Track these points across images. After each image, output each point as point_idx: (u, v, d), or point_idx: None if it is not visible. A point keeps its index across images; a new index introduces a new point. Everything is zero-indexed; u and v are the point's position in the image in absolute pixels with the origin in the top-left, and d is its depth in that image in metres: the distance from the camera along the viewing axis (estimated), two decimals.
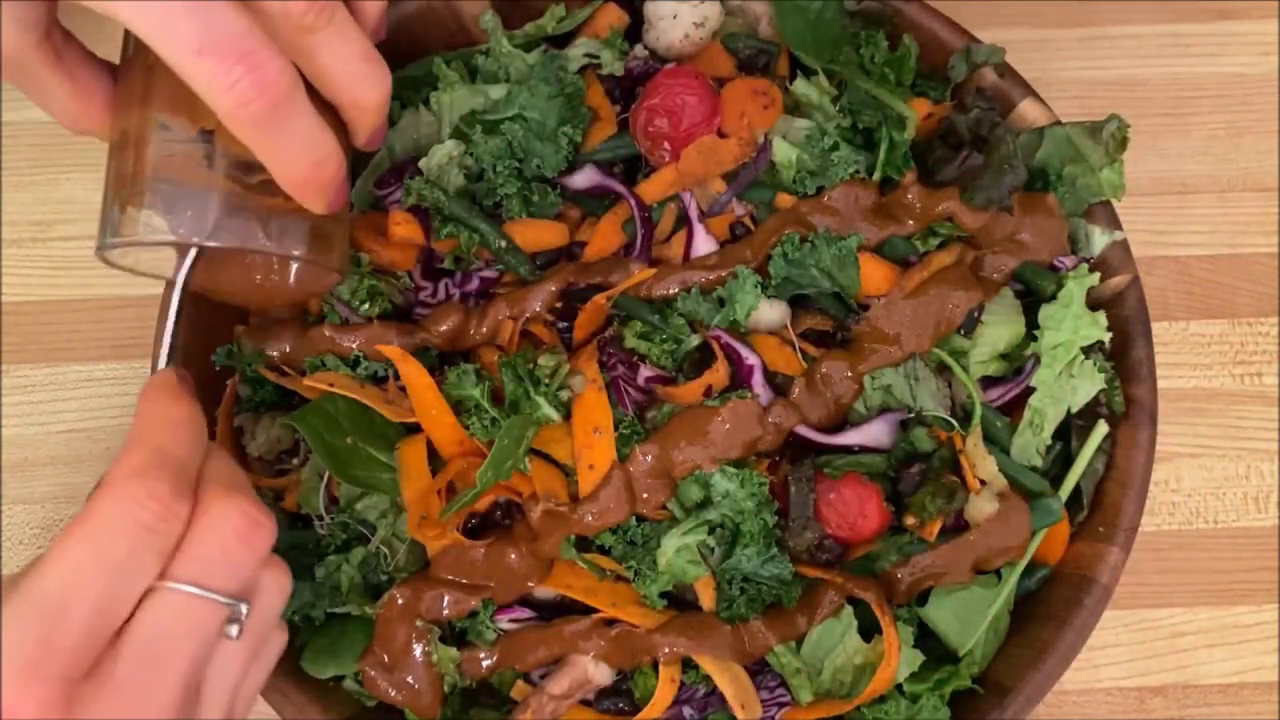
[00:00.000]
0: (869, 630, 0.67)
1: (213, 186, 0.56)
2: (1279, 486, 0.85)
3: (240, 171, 0.57)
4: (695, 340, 0.69)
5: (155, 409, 0.52)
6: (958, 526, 0.68)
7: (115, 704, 0.44)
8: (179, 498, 0.47)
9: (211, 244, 0.56)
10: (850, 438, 0.68)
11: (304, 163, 0.54)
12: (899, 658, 0.65)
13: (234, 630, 0.49)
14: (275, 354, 0.71)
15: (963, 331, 0.69)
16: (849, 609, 0.67)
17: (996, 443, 0.69)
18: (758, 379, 0.68)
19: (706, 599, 0.67)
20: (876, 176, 0.71)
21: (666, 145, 0.72)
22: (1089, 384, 0.69)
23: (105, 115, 0.59)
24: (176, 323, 0.60)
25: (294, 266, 0.65)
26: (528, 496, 0.67)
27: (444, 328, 0.69)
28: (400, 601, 0.67)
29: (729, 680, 0.65)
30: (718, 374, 0.67)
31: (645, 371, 0.69)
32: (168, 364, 0.58)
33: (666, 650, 0.65)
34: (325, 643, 0.68)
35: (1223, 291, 0.88)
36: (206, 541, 0.48)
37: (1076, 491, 0.70)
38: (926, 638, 0.69)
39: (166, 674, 0.46)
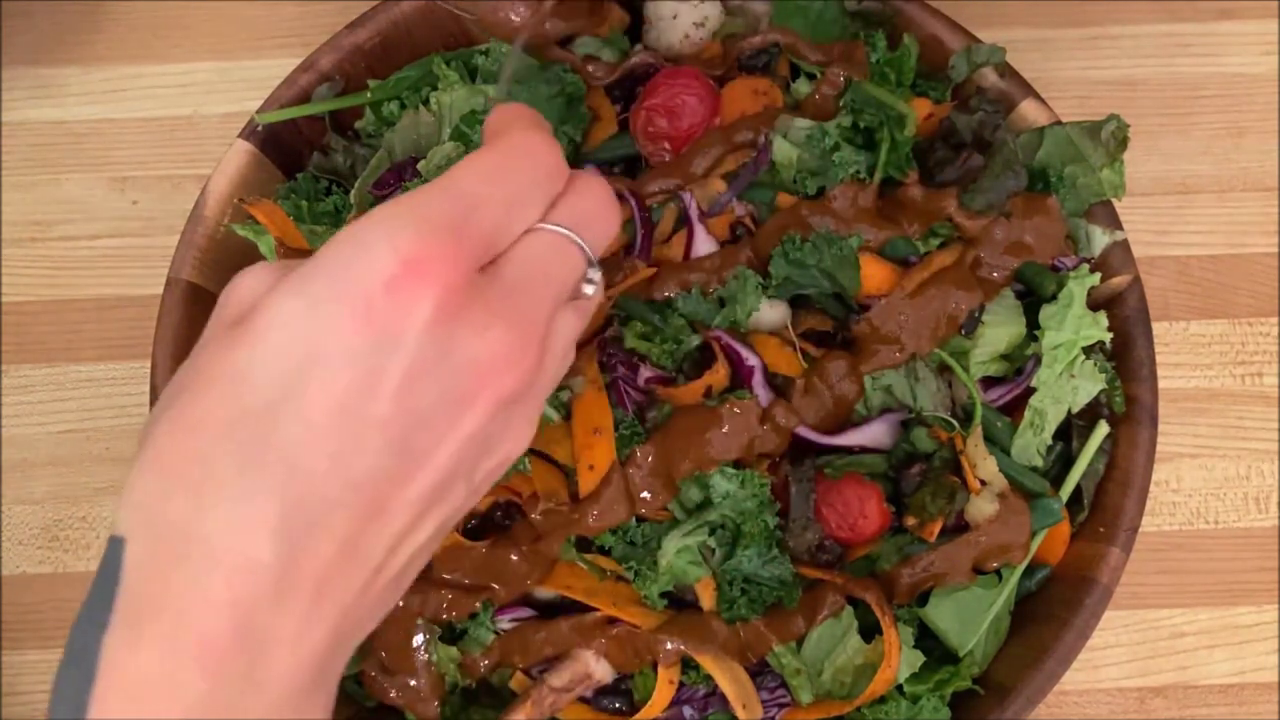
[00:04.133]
0: (869, 631, 0.67)
1: None
2: (1279, 487, 0.85)
3: None
4: (696, 341, 0.69)
5: (520, 107, 0.53)
6: (958, 527, 0.68)
7: (502, 303, 0.45)
8: (565, 161, 0.50)
9: None
10: (850, 438, 0.68)
11: None
12: (899, 658, 0.65)
13: (589, 290, 0.51)
14: None
15: (964, 332, 0.69)
16: (849, 610, 0.67)
17: (997, 443, 0.69)
18: (758, 380, 0.68)
19: (707, 600, 0.67)
20: (878, 177, 0.71)
21: (666, 145, 0.72)
22: (1090, 384, 0.69)
23: None
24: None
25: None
26: (528, 497, 0.67)
27: None
28: (401, 603, 0.67)
29: (730, 680, 0.65)
30: (718, 375, 0.67)
31: (645, 372, 0.69)
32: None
33: (669, 647, 0.65)
34: None
35: (1223, 291, 0.88)
36: (581, 201, 0.50)
37: (1077, 492, 0.70)
38: (927, 638, 0.69)
39: (544, 293, 0.47)
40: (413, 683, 0.67)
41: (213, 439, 0.41)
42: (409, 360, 0.42)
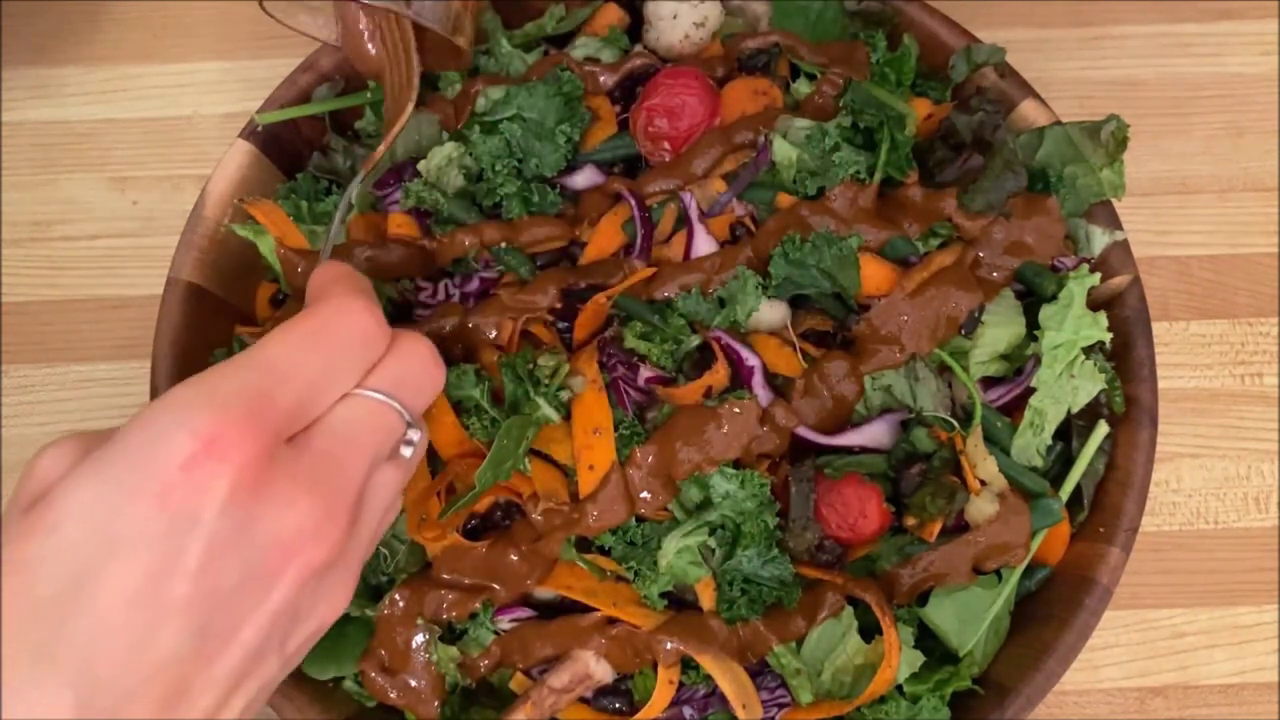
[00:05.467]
0: (869, 631, 0.67)
1: None
2: (1279, 487, 0.85)
3: None
4: (695, 341, 0.69)
5: (346, 270, 0.54)
6: (958, 527, 0.68)
7: (308, 474, 0.45)
8: (386, 325, 0.51)
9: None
10: (850, 438, 0.68)
11: None
12: (899, 658, 0.65)
13: (408, 451, 0.52)
14: None
15: (963, 332, 0.69)
16: (849, 610, 0.67)
17: (997, 443, 0.69)
18: (758, 380, 0.68)
19: (707, 600, 0.67)
20: (877, 177, 0.71)
21: (666, 145, 0.72)
22: (1089, 384, 0.69)
23: None
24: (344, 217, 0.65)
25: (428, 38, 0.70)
26: (528, 497, 0.67)
27: (444, 328, 0.69)
28: (401, 603, 0.67)
29: (730, 680, 0.65)
30: (718, 375, 0.67)
31: (645, 372, 0.69)
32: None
33: (669, 647, 0.65)
34: (325, 643, 0.68)
35: (1223, 291, 0.88)
36: (401, 362, 0.51)
37: (1077, 492, 0.70)
38: (927, 638, 0.69)
39: (355, 461, 0.48)
40: (413, 683, 0.67)
41: (6, 632, 0.41)
42: (207, 540, 0.42)
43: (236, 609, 0.44)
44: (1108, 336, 0.69)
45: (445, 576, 0.67)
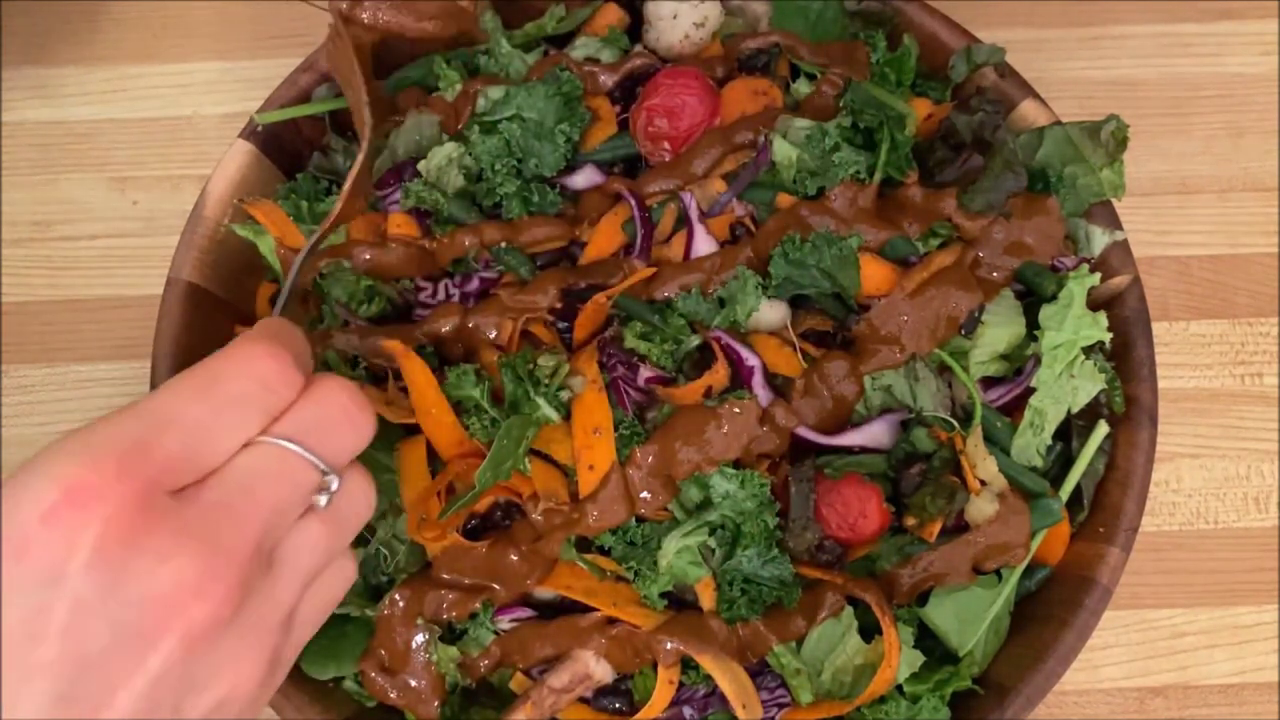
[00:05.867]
0: (869, 631, 0.67)
1: None
2: (1279, 487, 0.85)
3: None
4: (695, 341, 0.69)
5: (272, 321, 0.52)
6: (958, 527, 0.68)
7: (193, 526, 0.43)
8: (295, 370, 0.48)
9: None
10: (850, 438, 0.68)
11: None
12: (899, 658, 0.65)
13: (323, 500, 0.48)
14: None
15: (963, 332, 0.69)
16: (849, 610, 0.67)
17: (997, 443, 0.69)
18: (758, 380, 0.68)
19: (707, 600, 0.67)
20: (877, 177, 0.71)
21: (666, 145, 0.72)
22: (1089, 384, 0.69)
23: None
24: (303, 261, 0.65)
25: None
26: (528, 497, 0.67)
27: (443, 328, 0.70)
28: (401, 603, 0.67)
29: (730, 680, 0.65)
30: (718, 375, 0.67)
31: (645, 372, 0.69)
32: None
33: (669, 647, 0.65)
34: (325, 643, 0.68)
35: (1223, 291, 0.88)
36: (312, 407, 0.48)
37: (1077, 492, 0.70)
38: (927, 638, 0.69)
39: (250, 514, 0.45)
40: (413, 683, 0.67)
41: None
42: (73, 597, 0.40)
43: (108, 673, 0.41)
44: (1108, 336, 0.69)
45: (445, 576, 0.67)
